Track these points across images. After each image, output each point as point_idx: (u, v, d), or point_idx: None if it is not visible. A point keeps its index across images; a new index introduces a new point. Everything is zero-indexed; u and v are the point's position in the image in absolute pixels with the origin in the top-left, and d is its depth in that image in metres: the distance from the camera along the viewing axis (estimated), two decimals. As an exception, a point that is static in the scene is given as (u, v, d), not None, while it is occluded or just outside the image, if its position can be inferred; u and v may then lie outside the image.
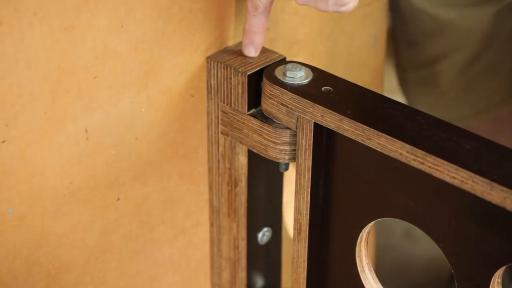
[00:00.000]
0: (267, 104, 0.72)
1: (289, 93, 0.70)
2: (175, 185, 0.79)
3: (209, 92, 0.76)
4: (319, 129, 0.69)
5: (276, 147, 0.72)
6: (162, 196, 0.78)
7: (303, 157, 0.71)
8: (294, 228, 0.75)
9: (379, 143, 0.65)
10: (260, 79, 0.73)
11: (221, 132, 0.77)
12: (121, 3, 0.67)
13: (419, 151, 0.63)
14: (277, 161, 0.74)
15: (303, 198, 0.73)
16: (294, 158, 0.73)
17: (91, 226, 0.74)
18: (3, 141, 0.65)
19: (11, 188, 0.67)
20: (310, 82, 0.71)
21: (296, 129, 0.71)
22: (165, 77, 0.73)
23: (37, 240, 0.70)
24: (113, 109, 0.71)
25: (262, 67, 0.73)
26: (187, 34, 0.73)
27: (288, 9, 0.80)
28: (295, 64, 0.71)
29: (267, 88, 0.71)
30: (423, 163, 0.64)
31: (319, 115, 0.68)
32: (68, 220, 0.72)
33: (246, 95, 0.73)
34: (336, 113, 0.67)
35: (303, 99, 0.69)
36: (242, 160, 0.76)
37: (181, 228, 0.82)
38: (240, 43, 0.76)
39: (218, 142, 0.77)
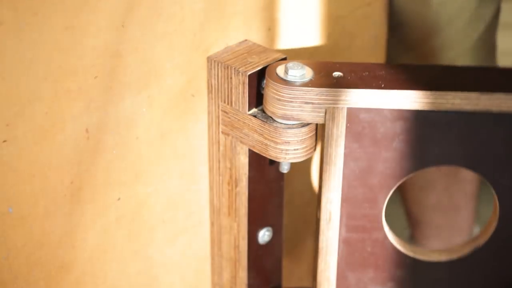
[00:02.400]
0: (285, 109, 0.71)
1: (316, 89, 0.70)
2: (175, 185, 0.79)
3: (209, 92, 0.76)
4: (350, 113, 0.71)
5: (276, 147, 0.72)
6: (163, 195, 0.78)
7: (333, 147, 0.72)
8: (322, 219, 0.76)
9: (433, 102, 0.70)
10: (261, 79, 0.73)
11: (222, 132, 0.77)
12: (121, 2, 0.67)
13: (472, 94, 0.68)
14: (277, 160, 0.74)
15: (334, 186, 0.74)
16: (294, 158, 0.73)
17: (92, 226, 0.74)
18: (4, 141, 0.65)
19: (12, 188, 0.67)
20: (315, 76, 0.71)
21: (325, 121, 0.71)
22: (165, 77, 0.73)
23: (38, 240, 0.70)
24: (113, 109, 0.71)
25: (262, 66, 0.73)
26: (187, 34, 0.73)
27: (288, 9, 0.80)
28: (296, 63, 0.71)
29: (285, 92, 0.70)
30: (477, 104, 0.69)
31: (354, 98, 0.70)
32: (69, 220, 0.72)
33: (246, 94, 0.73)
34: (369, 89, 0.70)
35: (336, 89, 0.70)
36: (243, 159, 0.76)
37: (182, 228, 0.82)
38: (241, 43, 0.76)
39: (218, 142, 0.78)
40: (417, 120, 0.72)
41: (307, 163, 0.82)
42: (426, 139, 0.73)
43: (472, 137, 0.73)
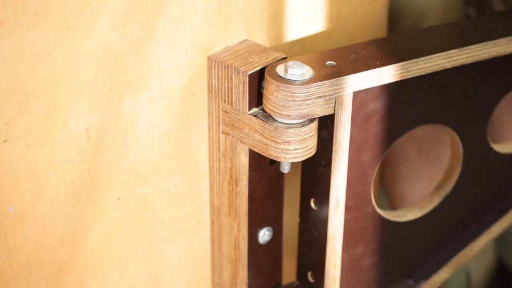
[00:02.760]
0: (301, 109, 0.71)
1: (328, 81, 0.71)
2: (176, 185, 0.79)
3: (210, 91, 0.76)
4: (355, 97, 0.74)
5: (277, 146, 0.72)
6: (163, 195, 0.78)
7: (341, 133, 0.74)
8: (331, 206, 0.77)
9: (422, 68, 0.73)
10: (261, 79, 0.73)
11: (222, 132, 0.77)
12: (122, 2, 0.67)
13: (452, 51, 0.75)
14: (278, 160, 0.74)
15: (342, 172, 0.75)
16: (294, 158, 0.73)
17: (92, 226, 0.74)
18: (5, 141, 0.65)
19: (12, 188, 0.67)
20: (314, 69, 0.72)
21: (335, 110, 0.73)
22: (166, 76, 0.73)
23: (38, 239, 0.70)
24: (114, 109, 0.71)
25: (263, 66, 0.73)
26: (187, 34, 0.73)
27: (289, 9, 0.80)
28: (295, 62, 0.71)
29: (300, 92, 0.71)
30: (456, 60, 0.75)
31: (359, 81, 0.72)
32: (69, 220, 0.72)
33: (247, 94, 0.73)
34: (372, 69, 0.72)
35: (345, 76, 0.71)
36: (243, 159, 0.76)
37: (182, 228, 0.82)
38: (241, 43, 0.76)
39: (219, 142, 0.78)
40: (400, 89, 0.75)
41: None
42: (406, 105, 0.77)
43: (445, 92, 0.79)
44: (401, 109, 0.77)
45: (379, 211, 0.81)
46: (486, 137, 0.86)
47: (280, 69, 0.72)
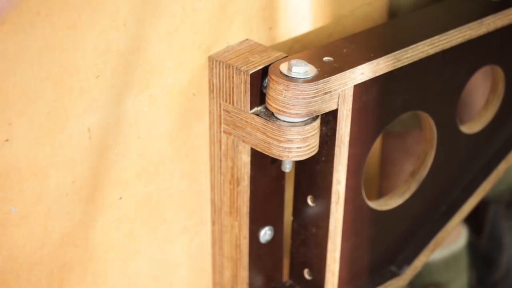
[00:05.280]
0: (310, 106, 0.72)
1: (332, 77, 0.72)
2: (177, 184, 0.79)
3: (211, 91, 0.76)
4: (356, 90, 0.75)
5: (279, 145, 0.73)
6: (164, 195, 0.79)
7: (343, 127, 0.74)
8: (332, 201, 0.78)
9: (410, 56, 0.76)
10: (263, 78, 0.73)
11: (224, 131, 0.77)
12: (123, 2, 0.67)
13: (435, 37, 0.77)
14: (280, 159, 0.74)
15: (343, 166, 0.76)
16: (297, 156, 0.73)
17: (93, 225, 0.74)
18: (6, 140, 0.65)
19: (14, 187, 0.67)
20: (316, 65, 0.73)
21: (338, 104, 0.73)
22: (167, 76, 0.73)
23: (40, 239, 0.70)
24: (115, 108, 0.71)
25: (264, 65, 0.73)
26: (189, 33, 0.73)
27: (289, 8, 0.81)
28: (299, 60, 0.72)
29: (309, 89, 0.71)
30: (438, 45, 0.78)
31: (359, 74, 0.72)
32: (71, 219, 0.72)
33: (248, 93, 0.73)
34: (370, 61, 0.73)
35: (346, 71, 0.72)
36: (245, 158, 0.76)
37: (183, 227, 0.82)
38: (242, 42, 0.76)
39: (220, 141, 0.78)
40: (388, 79, 0.76)
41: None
42: (393, 94, 0.79)
43: (424, 78, 0.81)
44: (388, 99, 0.78)
45: (367, 202, 0.82)
46: (456, 119, 0.88)
47: (284, 68, 0.72)
